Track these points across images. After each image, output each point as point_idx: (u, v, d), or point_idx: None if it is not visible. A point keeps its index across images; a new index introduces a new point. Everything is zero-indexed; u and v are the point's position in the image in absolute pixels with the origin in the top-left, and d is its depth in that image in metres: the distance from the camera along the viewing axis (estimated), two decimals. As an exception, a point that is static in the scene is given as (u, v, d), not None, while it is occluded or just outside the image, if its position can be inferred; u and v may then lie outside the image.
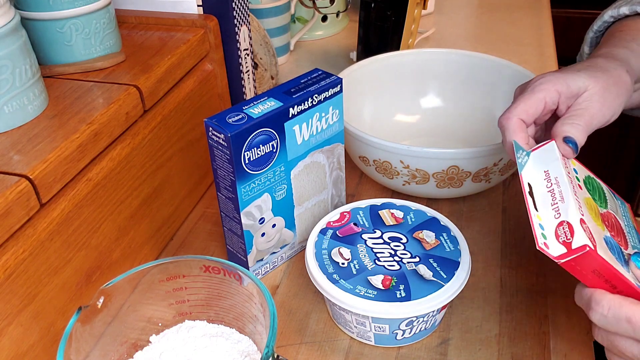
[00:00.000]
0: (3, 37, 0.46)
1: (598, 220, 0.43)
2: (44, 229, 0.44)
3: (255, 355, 0.46)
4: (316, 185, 0.58)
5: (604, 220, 0.43)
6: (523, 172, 0.45)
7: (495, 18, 1.13)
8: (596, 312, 0.39)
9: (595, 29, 0.62)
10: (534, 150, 0.47)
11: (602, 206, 0.45)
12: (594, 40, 0.63)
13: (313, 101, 0.53)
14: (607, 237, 0.42)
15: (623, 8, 0.59)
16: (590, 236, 0.40)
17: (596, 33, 0.62)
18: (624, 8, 0.59)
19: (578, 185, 0.44)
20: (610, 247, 0.41)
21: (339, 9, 1.08)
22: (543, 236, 0.41)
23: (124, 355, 0.46)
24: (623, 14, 0.59)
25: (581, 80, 0.47)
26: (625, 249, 0.43)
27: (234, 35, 0.69)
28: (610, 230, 0.43)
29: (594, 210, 0.43)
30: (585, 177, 0.46)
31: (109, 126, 0.51)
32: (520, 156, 0.46)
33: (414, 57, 0.77)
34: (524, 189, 0.44)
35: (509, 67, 0.72)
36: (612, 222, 0.44)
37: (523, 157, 0.46)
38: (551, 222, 0.42)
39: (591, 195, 0.45)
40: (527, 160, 0.46)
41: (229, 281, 0.46)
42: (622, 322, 0.38)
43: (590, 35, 0.63)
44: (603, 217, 0.44)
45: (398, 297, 0.47)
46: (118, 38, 0.60)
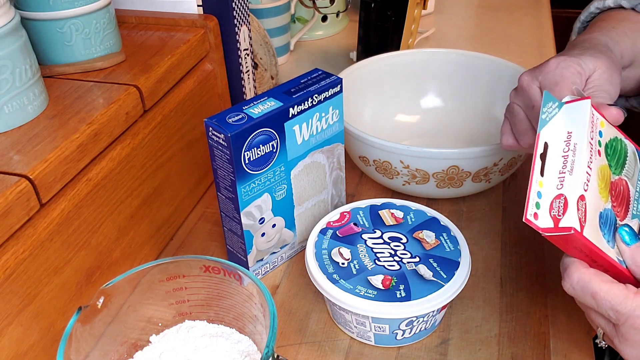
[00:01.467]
0: (3, 37, 0.46)
1: (605, 191, 0.42)
2: (44, 229, 0.44)
3: (255, 355, 0.46)
4: (316, 185, 0.58)
5: (611, 190, 0.42)
6: (543, 130, 0.43)
7: (495, 18, 1.13)
8: (566, 282, 0.41)
9: (582, 20, 0.64)
10: (568, 103, 0.44)
11: (616, 172, 0.43)
12: (580, 29, 0.65)
13: (313, 101, 0.53)
14: (605, 210, 0.41)
15: (608, 1, 0.61)
16: (583, 216, 0.40)
17: (583, 23, 0.64)
18: (609, 1, 0.61)
19: (598, 151, 0.42)
20: (604, 222, 0.41)
21: (339, 9, 1.08)
22: (537, 205, 0.41)
23: (124, 355, 0.46)
24: (608, 6, 0.61)
25: (591, 62, 0.48)
26: (621, 220, 0.42)
27: (234, 35, 0.69)
28: (614, 201, 0.42)
29: (604, 180, 0.42)
30: (610, 139, 0.44)
31: (109, 126, 0.51)
32: (548, 110, 0.44)
33: (414, 57, 0.77)
34: (537, 150, 0.42)
35: (509, 67, 0.72)
36: (619, 190, 0.43)
37: (552, 109, 0.43)
38: (552, 191, 0.41)
39: (608, 161, 0.43)
40: (557, 113, 0.43)
41: (229, 281, 0.46)
42: (587, 296, 0.40)
43: (577, 25, 0.65)
44: (612, 185, 0.43)
45: (398, 297, 0.47)
46: (118, 38, 0.60)
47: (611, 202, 0.42)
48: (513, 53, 0.99)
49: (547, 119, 0.43)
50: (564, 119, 0.43)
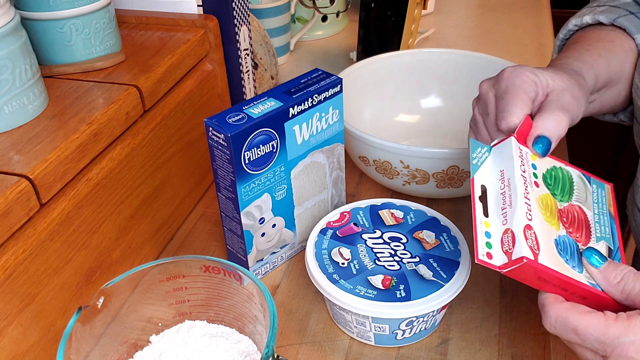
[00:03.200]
0: (3, 37, 0.46)
1: (553, 219, 0.42)
2: (44, 229, 0.44)
3: (255, 355, 0.46)
4: (316, 185, 0.58)
5: (561, 217, 0.42)
6: (477, 175, 0.44)
7: (495, 18, 1.13)
8: (545, 322, 0.40)
9: (561, 38, 0.63)
10: (495, 146, 0.45)
11: (564, 200, 0.43)
12: (560, 47, 0.64)
13: (313, 101, 0.53)
14: (560, 237, 0.41)
15: (586, 17, 0.60)
16: (534, 244, 0.39)
17: (562, 41, 0.63)
18: (587, 17, 0.59)
19: (534, 182, 0.43)
20: (563, 248, 0.41)
21: (339, 9, 1.08)
22: (488, 245, 0.41)
23: (124, 355, 0.46)
24: (586, 22, 0.60)
25: (548, 75, 0.48)
26: (584, 245, 0.42)
27: (234, 35, 0.69)
28: (569, 227, 0.42)
29: (549, 209, 0.42)
30: (548, 169, 0.44)
31: (109, 126, 0.51)
32: (478, 155, 0.45)
33: (414, 57, 0.77)
34: (474, 194, 0.43)
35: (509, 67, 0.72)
36: (573, 216, 0.43)
37: (482, 154, 0.45)
38: (498, 228, 0.42)
39: (550, 190, 0.43)
40: (487, 157, 0.45)
41: (229, 281, 0.46)
42: (569, 333, 0.39)
43: (557, 43, 0.64)
44: (562, 213, 0.43)
45: (398, 297, 0.47)
46: (118, 38, 0.60)
47: (565, 228, 0.41)
48: (513, 53, 0.99)
49: (479, 164, 0.44)
50: (494, 160, 0.44)
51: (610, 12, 0.58)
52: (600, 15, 0.58)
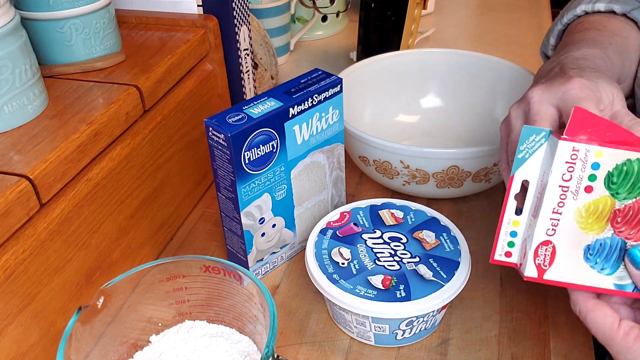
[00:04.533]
0: (3, 37, 0.46)
1: (597, 224, 0.40)
2: (44, 229, 0.44)
3: (255, 355, 0.46)
4: (316, 185, 0.58)
5: (615, 217, 0.40)
6: (521, 170, 0.41)
7: (495, 18, 1.13)
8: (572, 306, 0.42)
9: (565, 22, 0.60)
10: (554, 134, 0.40)
11: (630, 196, 0.40)
12: (561, 32, 0.61)
13: (313, 101, 0.53)
14: (598, 240, 0.40)
15: (599, 4, 0.57)
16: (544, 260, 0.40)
17: (564, 26, 0.61)
18: (600, 4, 0.57)
19: (586, 187, 0.39)
20: (595, 252, 0.40)
21: (339, 9, 1.08)
22: (510, 244, 0.42)
23: (124, 355, 0.46)
24: (597, 9, 0.57)
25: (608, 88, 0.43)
26: (637, 240, 0.41)
27: (234, 35, 0.69)
28: (621, 225, 0.40)
29: (596, 214, 0.40)
30: (618, 165, 0.39)
31: (109, 126, 0.51)
32: (528, 145, 0.40)
33: (414, 57, 0.77)
34: (510, 191, 0.41)
35: (509, 67, 0.72)
36: (635, 211, 0.40)
37: (536, 143, 0.40)
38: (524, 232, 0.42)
39: (612, 190, 0.40)
40: (542, 145, 0.40)
41: (229, 281, 0.46)
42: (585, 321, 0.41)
43: (558, 27, 0.61)
44: (618, 212, 0.40)
45: (398, 297, 0.47)
46: (118, 38, 0.60)
47: (614, 228, 0.40)
48: (513, 53, 0.99)
49: (527, 156, 0.41)
50: (544, 155, 0.41)
51: (623, 3, 0.56)
52: (615, 4, 0.56)
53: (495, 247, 0.42)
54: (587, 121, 0.39)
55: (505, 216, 0.41)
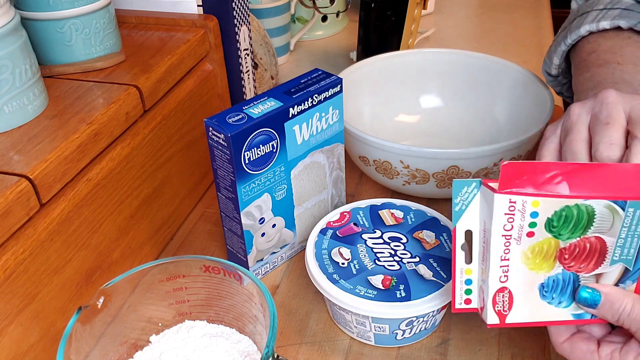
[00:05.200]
0: (3, 37, 0.46)
1: (545, 263, 0.40)
2: (44, 229, 0.44)
3: (255, 355, 0.46)
4: (316, 185, 0.58)
5: (562, 255, 0.40)
6: (461, 221, 0.41)
7: (495, 18, 1.13)
8: None
9: (569, 43, 0.59)
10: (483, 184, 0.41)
11: (574, 236, 0.40)
12: (565, 52, 0.61)
13: (313, 101, 0.53)
14: (550, 277, 0.41)
15: (603, 22, 0.56)
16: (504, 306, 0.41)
17: (569, 47, 0.60)
18: (605, 22, 0.56)
19: (527, 233, 0.40)
20: (550, 289, 0.41)
21: (339, 9, 1.08)
22: (467, 292, 0.43)
23: (124, 355, 0.46)
24: (603, 28, 0.56)
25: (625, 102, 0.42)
26: (588, 272, 0.41)
27: (234, 35, 0.69)
28: (570, 262, 0.41)
29: (542, 254, 0.40)
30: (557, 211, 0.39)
31: (109, 126, 0.51)
32: (462, 198, 0.41)
33: (414, 57, 0.77)
34: (455, 243, 0.42)
35: (509, 67, 0.72)
36: (581, 248, 0.40)
37: (469, 194, 0.41)
38: (478, 278, 0.42)
39: (554, 233, 0.40)
40: (476, 195, 0.41)
41: (229, 281, 0.46)
42: None
43: (562, 48, 0.60)
44: (564, 250, 0.40)
45: (398, 297, 0.47)
46: (118, 38, 0.60)
47: (563, 265, 0.41)
48: (513, 53, 0.99)
49: (463, 208, 0.41)
50: (480, 204, 0.41)
51: (627, 17, 0.56)
52: (620, 20, 0.55)
53: (454, 298, 0.43)
54: (520, 171, 0.39)
55: (457, 267, 0.42)
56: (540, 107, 0.65)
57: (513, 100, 0.72)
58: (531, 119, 0.66)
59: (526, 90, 0.70)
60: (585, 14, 0.59)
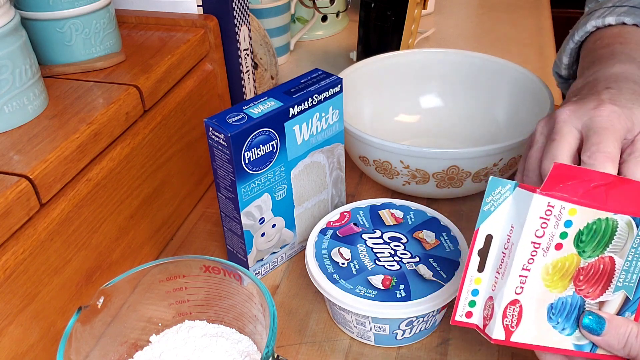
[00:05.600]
0: (3, 37, 0.46)
1: (561, 282, 0.39)
2: (44, 229, 0.44)
3: (255, 355, 0.46)
4: (316, 185, 0.58)
5: (577, 276, 0.39)
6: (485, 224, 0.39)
7: (496, 18, 1.13)
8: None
9: (577, 40, 0.60)
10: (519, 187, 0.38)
11: (594, 255, 0.39)
12: (574, 51, 0.61)
13: (313, 101, 0.53)
14: (560, 299, 0.40)
15: (609, 18, 0.56)
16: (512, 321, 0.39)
17: (577, 44, 0.60)
18: (610, 18, 0.56)
19: (556, 245, 0.38)
20: (557, 311, 0.40)
21: (339, 9, 1.08)
22: (471, 304, 0.41)
23: (124, 355, 0.46)
24: (607, 23, 0.56)
25: None
26: (594, 298, 0.40)
27: (234, 35, 0.69)
28: (582, 284, 0.40)
29: (562, 271, 0.39)
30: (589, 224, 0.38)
31: (109, 126, 0.51)
32: (494, 198, 0.39)
33: (414, 57, 0.77)
34: (474, 245, 0.39)
35: (509, 67, 0.72)
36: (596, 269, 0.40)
37: (502, 195, 0.39)
38: (487, 289, 0.40)
39: (579, 249, 0.39)
40: (507, 198, 0.39)
41: (229, 281, 0.46)
42: None
43: (571, 46, 0.61)
44: (581, 270, 0.39)
45: (398, 297, 0.47)
46: (118, 38, 0.60)
47: (576, 287, 0.40)
48: (513, 53, 0.99)
49: (492, 209, 0.39)
50: (510, 208, 0.39)
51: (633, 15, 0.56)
52: (625, 16, 0.56)
53: (456, 308, 0.41)
54: (569, 175, 0.37)
55: (468, 273, 0.40)
56: (540, 107, 0.65)
57: (513, 100, 0.72)
58: (531, 119, 0.66)
59: (526, 90, 0.70)
60: (593, 12, 0.59)
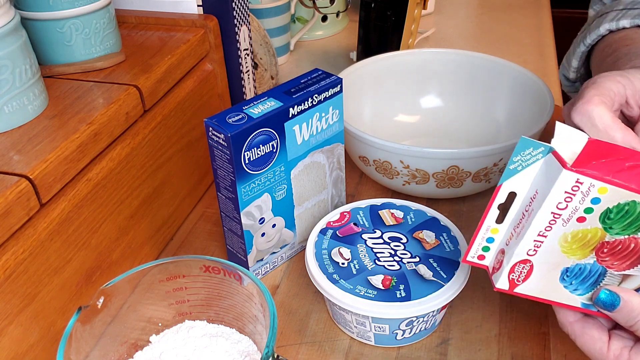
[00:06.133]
0: (3, 37, 0.46)
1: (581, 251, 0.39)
2: (44, 229, 0.44)
3: (255, 355, 0.46)
4: (316, 185, 0.58)
5: (601, 248, 0.39)
6: (510, 181, 0.38)
7: (495, 18, 1.13)
8: None
9: (588, 43, 0.58)
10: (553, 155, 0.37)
11: (622, 233, 0.38)
12: (585, 54, 0.60)
13: (313, 101, 0.53)
14: (578, 264, 0.39)
15: (623, 21, 0.55)
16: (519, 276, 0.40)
17: (588, 47, 0.59)
18: (624, 21, 0.55)
19: (578, 218, 0.37)
20: (572, 274, 0.39)
21: (339, 9, 1.08)
22: (484, 249, 0.41)
23: (124, 355, 0.46)
24: (622, 26, 0.55)
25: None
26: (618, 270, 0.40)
27: (234, 35, 0.69)
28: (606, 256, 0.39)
29: (582, 241, 0.39)
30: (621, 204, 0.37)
31: (109, 126, 0.51)
32: (523, 157, 0.38)
33: (414, 57, 0.77)
34: (494, 199, 0.39)
35: (509, 67, 0.72)
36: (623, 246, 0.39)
37: (532, 157, 0.38)
38: (501, 242, 0.41)
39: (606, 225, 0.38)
40: (538, 161, 0.38)
41: (229, 281, 0.46)
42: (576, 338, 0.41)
43: (582, 49, 0.59)
44: (606, 244, 0.39)
45: (398, 297, 0.47)
46: (118, 38, 0.60)
47: (597, 257, 0.39)
48: (513, 53, 0.99)
49: (519, 169, 0.38)
50: (539, 172, 0.38)
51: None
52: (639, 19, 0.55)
53: (469, 249, 0.42)
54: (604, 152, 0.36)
55: (485, 223, 0.41)
56: (540, 107, 0.65)
57: (513, 100, 0.72)
58: (531, 119, 0.66)
59: (526, 90, 0.70)
60: (604, 14, 0.58)
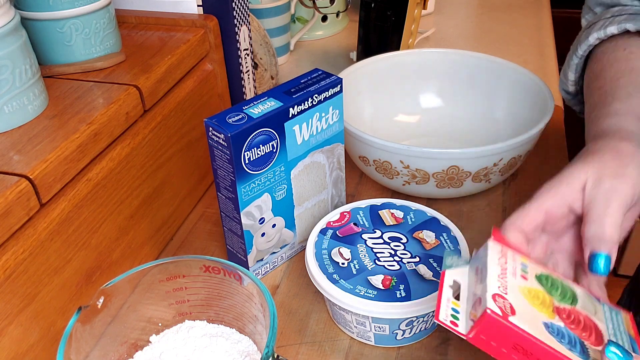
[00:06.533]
0: (3, 37, 0.46)
1: (545, 309, 0.38)
2: (44, 229, 0.44)
3: (255, 355, 0.46)
4: (316, 185, 0.58)
5: (559, 313, 0.39)
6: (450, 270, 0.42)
7: (495, 18, 1.13)
8: None
9: (580, 54, 0.58)
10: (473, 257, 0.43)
11: (565, 301, 0.40)
12: (579, 66, 0.60)
13: (313, 101, 0.53)
14: (554, 324, 0.38)
15: (610, 28, 0.55)
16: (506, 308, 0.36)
17: (581, 58, 0.59)
18: (612, 27, 0.55)
19: (522, 275, 0.40)
20: (558, 334, 0.37)
21: (339, 9, 1.08)
22: (454, 317, 0.39)
23: (124, 355, 0.46)
24: (611, 33, 0.55)
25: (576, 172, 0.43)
26: (595, 345, 0.38)
27: (234, 35, 0.69)
28: (571, 324, 0.38)
29: (540, 299, 0.39)
30: (544, 274, 0.41)
31: (109, 126, 0.51)
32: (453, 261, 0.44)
33: (414, 57, 0.77)
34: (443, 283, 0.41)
35: (509, 67, 0.72)
36: (577, 318, 0.39)
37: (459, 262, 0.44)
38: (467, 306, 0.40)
39: (546, 289, 0.40)
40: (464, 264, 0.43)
41: (229, 281, 0.46)
42: None
43: (575, 61, 0.59)
44: (561, 310, 0.39)
45: (398, 297, 0.47)
46: (118, 38, 0.60)
47: (563, 321, 0.38)
48: (513, 53, 0.99)
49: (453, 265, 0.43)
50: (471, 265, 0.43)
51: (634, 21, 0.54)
52: (626, 23, 0.54)
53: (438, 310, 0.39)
54: None
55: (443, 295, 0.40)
56: (540, 107, 0.65)
57: (513, 100, 0.72)
58: (531, 119, 0.66)
59: (526, 90, 0.70)
60: (592, 25, 0.58)
